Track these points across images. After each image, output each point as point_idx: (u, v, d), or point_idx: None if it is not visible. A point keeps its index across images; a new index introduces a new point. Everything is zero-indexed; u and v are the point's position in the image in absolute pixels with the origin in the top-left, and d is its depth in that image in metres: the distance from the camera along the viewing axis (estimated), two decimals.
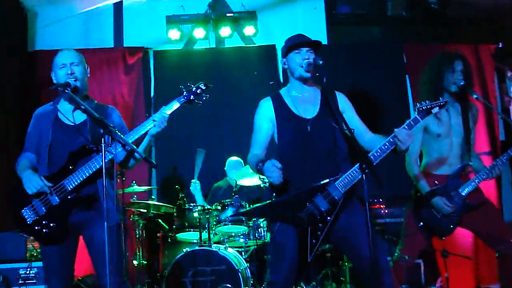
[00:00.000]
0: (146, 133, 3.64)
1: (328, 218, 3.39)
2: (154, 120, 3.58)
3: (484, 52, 7.34)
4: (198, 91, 3.72)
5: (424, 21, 7.50)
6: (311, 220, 3.39)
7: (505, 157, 4.36)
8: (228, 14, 7.26)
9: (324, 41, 7.48)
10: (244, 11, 7.29)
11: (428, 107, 3.43)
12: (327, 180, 3.40)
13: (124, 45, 7.36)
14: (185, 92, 3.71)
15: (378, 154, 3.37)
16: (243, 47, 7.45)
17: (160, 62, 7.29)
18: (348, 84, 6.93)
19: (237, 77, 7.22)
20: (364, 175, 3.06)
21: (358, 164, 3.32)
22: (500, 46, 7.36)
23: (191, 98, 3.71)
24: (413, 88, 7.14)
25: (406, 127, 3.39)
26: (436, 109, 3.45)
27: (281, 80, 7.07)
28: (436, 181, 4.33)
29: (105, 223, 3.21)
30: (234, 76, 7.23)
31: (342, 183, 3.39)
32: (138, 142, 3.66)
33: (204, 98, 3.75)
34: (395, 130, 3.36)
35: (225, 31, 7.28)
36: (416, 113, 3.45)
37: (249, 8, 7.32)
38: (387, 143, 3.38)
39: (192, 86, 3.73)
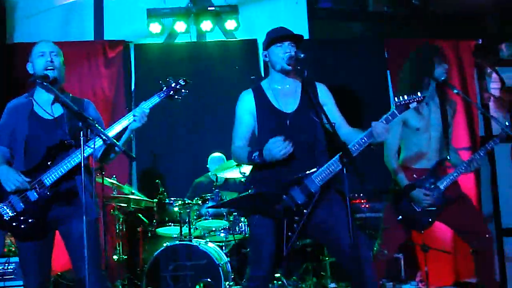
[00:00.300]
0: (126, 128, 3.61)
1: (305, 211, 3.39)
2: (134, 115, 3.54)
3: (464, 48, 7.37)
4: (178, 87, 3.70)
5: (406, 16, 7.53)
6: (287, 213, 3.39)
7: (482, 151, 4.41)
8: (209, 8, 7.21)
9: (306, 35, 7.45)
10: (225, 5, 7.25)
11: (406, 102, 3.44)
12: (307, 173, 3.40)
13: (105, 38, 7.29)
14: (164, 88, 3.68)
15: (356, 148, 3.38)
16: (224, 41, 7.41)
17: (141, 56, 7.22)
18: (329, 79, 6.81)
19: (218, 71, 7.18)
20: (344, 169, 3.05)
21: (336, 156, 3.34)
22: (480, 42, 7.40)
23: (171, 93, 3.68)
24: (393, 83, 7.16)
25: (384, 121, 3.41)
26: (414, 104, 3.46)
27: (262, 74, 7.05)
28: (414, 175, 4.36)
29: (84, 217, 3.17)
30: (215, 70, 7.19)
31: (320, 176, 3.39)
32: (118, 136, 3.63)
33: (184, 94, 3.73)
34: (372, 123, 3.37)
35: (206, 25, 7.23)
36: (394, 107, 3.46)
37: (230, 2, 7.29)
38: (364, 137, 3.39)
39: (172, 81, 3.71)
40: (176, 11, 7.20)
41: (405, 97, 3.45)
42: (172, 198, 5.74)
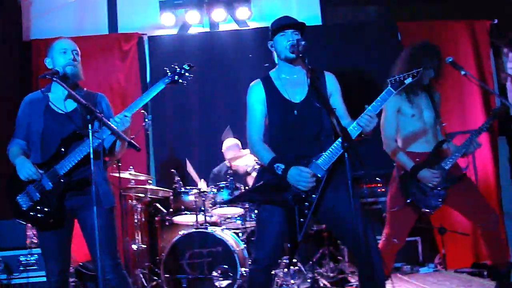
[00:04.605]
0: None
1: (313, 196, 3.43)
2: (116, 122, 3.57)
3: (480, 28, 7.31)
4: (182, 71, 3.78)
5: None
6: (297, 200, 3.44)
7: (481, 130, 4.43)
8: None
9: (318, 21, 7.48)
10: None
11: (401, 78, 3.45)
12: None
13: (119, 32, 7.39)
14: (169, 73, 3.78)
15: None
16: (237, 30, 7.44)
17: (155, 48, 7.30)
18: (342, 64, 6.96)
19: (232, 60, 7.24)
20: (346, 153, 3.08)
21: (337, 140, 3.37)
22: (496, 22, 7.31)
23: (176, 78, 3.77)
24: None
25: (379, 99, 3.42)
26: (409, 79, 3.45)
27: (276, 61, 7.06)
28: (417, 159, 4.37)
29: (94, 207, 3.27)
30: (229, 59, 7.25)
31: (323, 161, 3.43)
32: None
33: (188, 78, 3.81)
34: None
35: (218, 14, 7.27)
36: (389, 85, 3.46)
37: None
38: (354, 128, 3.42)
39: (176, 67, 3.79)
40: (188, 2, 7.23)
41: (400, 74, 3.47)
42: (188, 187, 5.82)
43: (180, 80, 3.79)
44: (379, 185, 6.47)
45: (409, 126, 4.47)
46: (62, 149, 3.62)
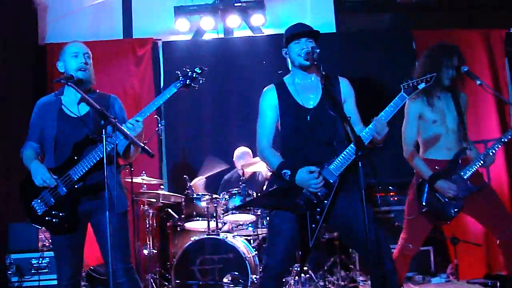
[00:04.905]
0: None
1: (325, 201, 3.42)
2: (128, 127, 3.56)
3: (495, 37, 7.25)
4: (194, 75, 3.76)
5: (434, 7, 7.45)
6: (308, 205, 3.43)
7: (499, 143, 4.36)
8: (236, 4, 7.22)
9: (333, 29, 7.47)
10: (252, 1, 7.25)
11: (413, 83, 3.44)
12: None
13: (133, 37, 7.42)
14: (181, 77, 3.75)
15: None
16: (251, 37, 7.44)
17: (169, 53, 7.32)
18: (356, 72, 6.92)
19: (246, 66, 7.23)
20: (360, 161, 3.07)
21: (350, 146, 3.38)
22: (511, 31, 7.27)
23: (188, 82, 3.74)
24: None
25: (392, 105, 3.42)
26: (422, 85, 3.45)
27: (290, 68, 7.06)
28: (436, 167, 4.32)
29: (107, 212, 3.28)
30: (243, 65, 7.25)
31: (336, 166, 3.42)
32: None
33: (200, 82, 3.78)
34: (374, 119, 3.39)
35: (233, 21, 7.28)
36: (402, 90, 3.45)
37: None
38: (368, 131, 3.42)
39: (188, 70, 3.77)
40: (203, 8, 7.25)
41: (413, 79, 3.47)
42: (200, 193, 5.82)
43: (192, 84, 3.76)
44: (392, 193, 6.43)
45: (430, 131, 4.42)
46: (75, 154, 3.64)
